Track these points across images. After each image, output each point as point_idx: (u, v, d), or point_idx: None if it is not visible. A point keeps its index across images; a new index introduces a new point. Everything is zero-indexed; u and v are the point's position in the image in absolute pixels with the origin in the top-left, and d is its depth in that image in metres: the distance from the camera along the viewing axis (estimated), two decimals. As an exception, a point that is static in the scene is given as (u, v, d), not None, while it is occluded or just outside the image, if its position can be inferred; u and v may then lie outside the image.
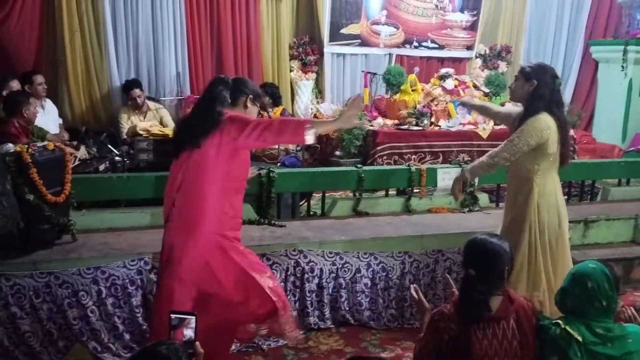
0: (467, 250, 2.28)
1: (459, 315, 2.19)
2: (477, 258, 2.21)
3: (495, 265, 2.18)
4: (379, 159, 5.82)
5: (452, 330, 2.16)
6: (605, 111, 7.65)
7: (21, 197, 3.04)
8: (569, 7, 7.84)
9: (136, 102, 5.64)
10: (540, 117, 2.98)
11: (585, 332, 2.07)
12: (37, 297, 3.01)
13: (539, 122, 2.97)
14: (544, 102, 3.00)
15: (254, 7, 6.48)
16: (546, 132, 2.97)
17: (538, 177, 3.05)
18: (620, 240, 4.40)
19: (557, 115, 3.01)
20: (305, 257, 3.52)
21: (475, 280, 2.16)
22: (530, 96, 3.03)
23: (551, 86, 3.03)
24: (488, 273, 2.17)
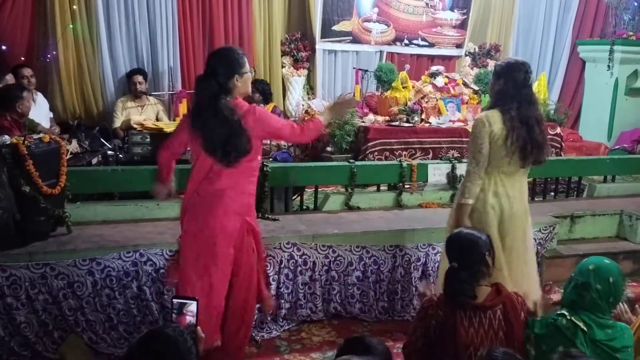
0: (447, 246, 2.43)
1: (447, 302, 2.29)
2: (455, 249, 2.36)
3: (472, 251, 2.31)
4: (370, 154, 5.88)
5: (439, 317, 2.27)
6: (591, 110, 7.77)
7: (17, 189, 3.05)
8: (557, 7, 7.95)
9: (136, 89, 5.66)
10: (482, 115, 3.01)
11: (590, 324, 2.15)
12: (33, 288, 3.03)
13: (479, 120, 2.98)
14: (504, 99, 2.96)
15: (246, 3, 6.50)
16: (488, 127, 2.92)
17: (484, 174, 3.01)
18: (606, 235, 4.50)
19: (511, 113, 2.92)
20: (298, 250, 3.58)
21: (458, 270, 2.27)
22: (497, 93, 3.02)
23: (519, 82, 2.96)
24: (468, 260, 2.29)
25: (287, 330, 3.58)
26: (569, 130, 7.62)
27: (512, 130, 2.92)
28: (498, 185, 3.03)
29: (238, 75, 2.72)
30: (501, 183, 3.03)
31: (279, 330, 3.56)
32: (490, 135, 2.94)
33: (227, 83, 2.70)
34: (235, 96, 2.75)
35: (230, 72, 2.71)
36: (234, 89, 2.73)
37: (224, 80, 2.70)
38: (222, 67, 2.72)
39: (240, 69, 2.74)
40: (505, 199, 3.03)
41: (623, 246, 4.37)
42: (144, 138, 4.30)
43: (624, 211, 4.50)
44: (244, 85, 2.77)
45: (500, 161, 2.99)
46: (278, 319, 3.57)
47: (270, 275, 3.49)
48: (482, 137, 2.95)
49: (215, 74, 2.71)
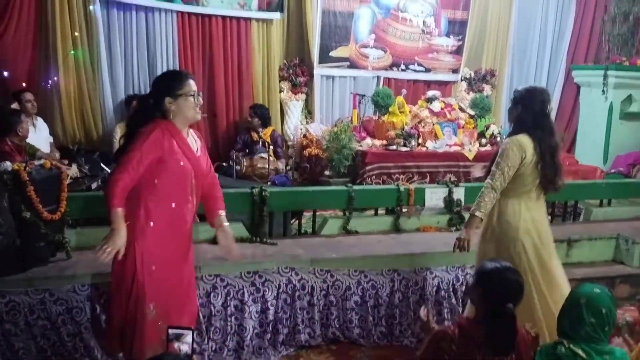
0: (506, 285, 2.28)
1: (462, 337, 2.22)
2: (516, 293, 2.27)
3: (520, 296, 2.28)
4: (367, 178, 5.93)
5: (452, 352, 2.20)
6: (587, 134, 7.84)
7: (18, 215, 3.08)
8: (551, 33, 8.08)
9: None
10: (517, 137, 3.05)
11: (589, 351, 2.15)
12: (32, 314, 3.03)
13: (513, 143, 3.03)
14: (526, 125, 3.06)
15: (245, 29, 6.60)
16: (522, 152, 3.01)
17: (503, 197, 3.11)
18: (603, 259, 4.50)
19: (538, 139, 3.03)
20: (296, 274, 3.59)
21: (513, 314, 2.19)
22: (515, 119, 3.14)
23: (537, 110, 3.07)
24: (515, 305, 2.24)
25: (286, 356, 3.56)
26: (565, 154, 7.67)
27: (542, 156, 3.03)
28: (531, 211, 3.12)
29: (170, 98, 2.62)
30: (533, 208, 3.14)
31: (277, 355, 3.54)
32: (522, 159, 3.03)
33: (159, 103, 2.63)
34: (171, 119, 2.65)
35: (163, 92, 2.63)
36: (168, 111, 2.63)
37: (157, 100, 2.63)
38: (156, 86, 2.69)
39: (175, 90, 2.62)
40: (540, 224, 3.14)
41: (620, 270, 4.37)
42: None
43: (621, 235, 4.52)
44: (180, 109, 2.63)
45: (531, 185, 3.09)
46: (276, 344, 3.56)
47: (269, 300, 3.50)
48: (514, 160, 3.03)
49: (150, 93, 2.69)
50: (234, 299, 3.44)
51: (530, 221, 3.11)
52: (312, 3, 6.79)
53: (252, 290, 3.48)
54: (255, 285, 3.48)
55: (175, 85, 2.64)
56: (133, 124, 2.69)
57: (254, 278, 3.49)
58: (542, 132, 3.06)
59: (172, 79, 2.69)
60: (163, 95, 2.62)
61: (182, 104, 2.63)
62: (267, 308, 3.49)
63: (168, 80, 2.68)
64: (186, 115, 2.67)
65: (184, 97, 2.63)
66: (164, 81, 2.69)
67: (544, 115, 3.09)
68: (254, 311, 3.48)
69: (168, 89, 2.63)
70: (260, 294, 3.49)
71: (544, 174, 3.06)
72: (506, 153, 3.05)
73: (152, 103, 2.66)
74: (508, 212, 3.11)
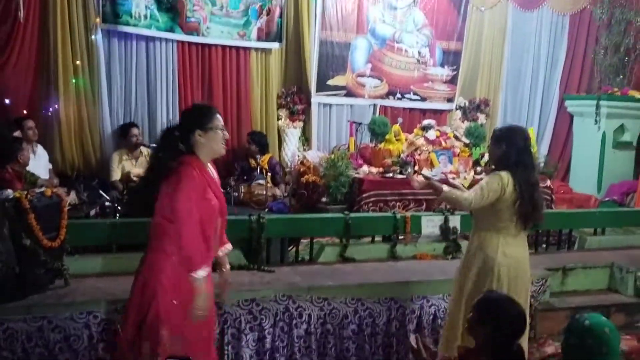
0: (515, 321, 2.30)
1: None
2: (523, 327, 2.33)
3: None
4: (364, 205, 5.96)
5: None
6: (581, 162, 7.92)
7: (18, 242, 3.10)
8: (544, 64, 8.21)
9: (133, 142, 5.75)
10: (500, 173, 3.14)
11: None
12: (29, 341, 3.03)
13: (498, 178, 3.11)
14: (509, 163, 3.14)
15: (245, 58, 6.71)
16: (501, 188, 3.08)
17: (483, 229, 3.21)
18: (597, 287, 4.54)
19: (519, 177, 3.10)
20: (294, 302, 3.60)
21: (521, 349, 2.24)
22: (499, 158, 3.21)
23: (520, 148, 3.15)
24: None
25: (283, 385, 3.56)
26: (560, 183, 7.76)
27: (521, 195, 3.09)
28: (510, 246, 3.18)
29: (201, 130, 2.64)
30: (512, 243, 3.19)
31: (274, 384, 3.54)
32: (502, 194, 3.09)
33: (187, 137, 2.64)
34: (198, 154, 2.67)
35: (194, 125, 2.64)
36: (196, 144, 2.65)
37: (185, 133, 2.65)
38: (187, 119, 2.71)
39: (205, 124, 2.65)
40: (514, 260, 3.17)
41: (615, 299, 4.41)
42: (142, 190, 4.36)
43: (615, 264, 4.56)
44: (209, 142, 2.66)
45: (508, 222, 3.15)
46: (273, 373, 3.56)
47: (266, 328, 3.50)
48: (495, 190, 3.09)
49: (178, 126, 2.70)
50: (230, 327, 3.45)
51: (508, 256, 3.16)
52: (310, 33, 6.92)
53: (249, 318, 3.49)
54: (252, 313, 3.49)
55: (205, 118, 2.67)
56: (159, 157, 2.68)
57: (251, 306, 3.50)
58: (524, 169, 3.13)
59: (202, 112, 2.72)
60: (193, 128, 2.64)
61: (211, 137, 2.66)
62: (264, 336, 3.50)
63: (199, 114, 2.71)
64: (214, 149, 2.71)
65: (213, 131, 2.67)
66: (194, 114, 2.72)
67: (526, 152, 3.19)
68: (250, 339, 3.49)
69: (199, 122, 2.65)
70: (257, 322, 3.50)
71: (522, 211, 3.12)
72: (490, 182, 3.13)
73: (178, 136, 2.66)
74: (487, 244, 3.19)
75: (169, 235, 2.59)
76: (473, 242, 3.28)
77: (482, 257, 3.18)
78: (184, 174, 2.59)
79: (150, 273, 2.62)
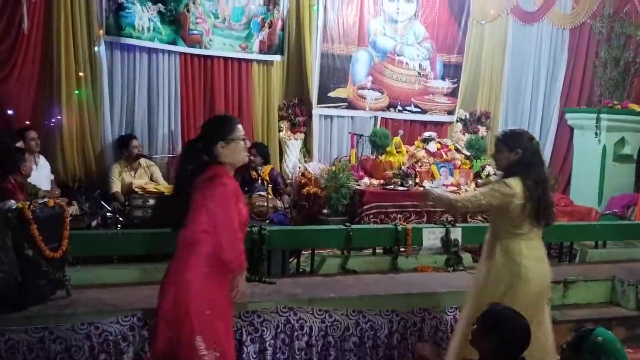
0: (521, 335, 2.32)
1: None
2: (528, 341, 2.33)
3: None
4: (365, 217, 5.97)
5: None
6: (581, 175, 7.94)
7: (20, 253, 3.10)
8: (544, 77, 8.26)
9: (134, 154, 5.76)
10: (507, 183, 3.09)
11: None
12: (30, 353, 3.02)
13: (505, 188, 3.07)
14: (523, 167, 3.11)
15: (247, 70, 6.75)
16: (509, 199, 3.06)
17: (504, 238, 3.17)
18: (599, 300, 4.52)
19: (531, 179, 3.08)
20: (295, 314, 3.59)
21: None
22: (508, 164, 3.16)
23: (529, 149, 3.14)
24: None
25: (283, 397, 3.54)
26: (560, 195, 7.77)
27: (531, 196, 3.08)
28: (531, 250, 3.16)
29: (223, 142, 2.69)
30: (533, 246, 3.18)
31: (275, 397, 3.52)
32: (508, 205, 3.07)
33: (211, 148, 2.68)
34: (222, 163, 2.71)
35: (216, 137, 2.68)
36: (219, 155, 2.69)
37: (208, 144, 2.68)
38: (209, 131, 2.74)
39: (228, 135, 2.69)
40: (539, 263, 3.18)
41: (616, 312, 4.39)
42: (145, 201, 4.38)
43: (616, 277, 4.55)
44: (232, 153, 2.71)
45: (526, 228, 3.13)
46: (274, 386, 3.55)
47: (267, 340, 3.49)
48: (496, 201, 3.08)
49: (201, 138, 2.74)
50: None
51: (533, 259, 3.15)
52: (311, 46, 6.97)
53: (251, 330, 3.48)
54: (253, 325, 3.48)
55: (227, 129, 2.71)
56: (186, 170, 2.72)
57: (252, 317, 3.49)
58: (536, 170, 3.12)
59: (224, 123, 2.76)
60: (216, 139, 2.68)
61: (233, 148, 2.70)
62: (265, 348, 3.48)
63: (220, 125, 2.74)
64: (237, 159, 2.76)
65: (235, 142, 2.71)
66: (216, 126, 2.75)
67: (536, 153, 3.19)
68: (252, 351, 3.47)
69: (221, 134, 2.69)
70: (259, 334, 3.49)
71: (536, 211, 3.10)
72: (496, 190, 3.09)
73: (201, 147, 2.70)
74: (512, 252, 3.14)
75: (202, 247, 2.61)
76: (495, 253, 3.17)
77: (509, 267, 3.12)
78: (217, 183, 2.62)
79: (181, 286, 2.62)
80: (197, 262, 2.62)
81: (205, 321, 2.61)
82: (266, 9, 6.69)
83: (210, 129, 2.75)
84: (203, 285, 2.62)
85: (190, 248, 2.64)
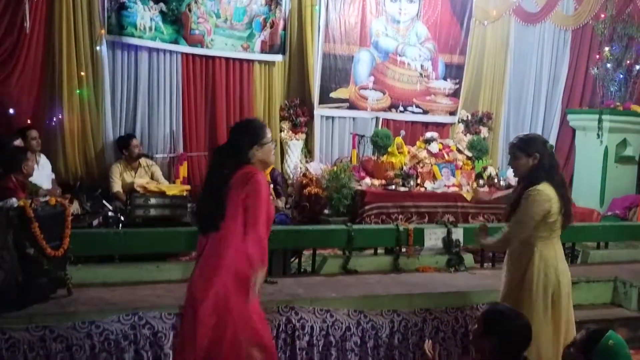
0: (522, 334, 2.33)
1: None
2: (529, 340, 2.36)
3: None
4: (367, 218, 5.96)
5: None
6: (583, 177, 7.93)
7: (21, 251, 3.10)
8: (547, 77, 8.25)
9: (134, 153, 5.76)
10: (541, 190, 3.04)
11: None
12: (31, 351, 3.01)
13: (541, 196, 3.04)
14: (545, 171, 3.10)
15: (248, 70, 6.76)
16: (548, 204, 3.04)
17: (539, 243, 3.13)
18: (601, 302, 4.50)
19: (556, 181, 3.10)
20: (296, 313, 3.58)
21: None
22: (532, 169, 3.13)
23: (549, 152, 3.16)
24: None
25: (284, 397, 3.53)
26: (562, 196, 7.73)
27: (562, 199, 3.10)
28: (560, 251, 3.21)
29: (257, 146, 2.84)
30: (560, 248, 3.23)
31: (275, 397, 3.51)
32: (548, 212, 3.06)
33: (245, 151, 2.82)
34: (253, 163, 2.85)
35: (251, 141, 2.83)
36: (253, 157, 2.84)
37: (242, 148, 2.82)
38: (244, 135, 2.86)
39: (261, 138, 2.85)
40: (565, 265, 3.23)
41: (618, 313, 4.37)
42: (146, 201, 4.38)
43: (619, 278, 4.54)
44: (263, 154, 2.88)
45: (558, 230, 3.16)
46: (275, 385, 3.53)
47: (268, 339, 3.48)
48: (538, 213, 3.05)
49: (236, 144, 2.84)
50: (233, 338, 3.43)
51: (562, 261, 3.20)
52: (313, 46, 6.97)
53: (252, 329, 3.47)
54: (255, 324, 3.47)
55: (261, 134, 2.87)
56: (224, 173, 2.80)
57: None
58: (557, 173, 3.16)
59: (257, 128, 2.89)
60: (251, 143, 2.82)
61: (266, 150, 2.87)
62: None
63: (254, 130, 2.88)
64: (267, 161, 2.94)
65: (267, 145, 2.88)
66: (250, 130, 2.88)
67: (552, 155, 3.19)
68: (253, 351, 3.46)
69: (255, 138, 2.84)
70: (260, 334, 3.48)
71: (567, 211, 3.14)
72: (534, 204, 3.04)
73: (236, 151, 2.82)
74: (547, 256, 3.13)
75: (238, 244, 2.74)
76: (534, 258, 3.12)
77: (545, 271, 3.10)
78: (254, 181, 2.76)
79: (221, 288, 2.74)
80: (233, 260, 2.74)
81: (247, 320, 2.77)
82: (268, 9, 6.69)
83: (246, 133, 2.87)
84: (241, 283, 2.75)
85: (227, 246, 2.75)
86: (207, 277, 2.78)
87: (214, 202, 2.79)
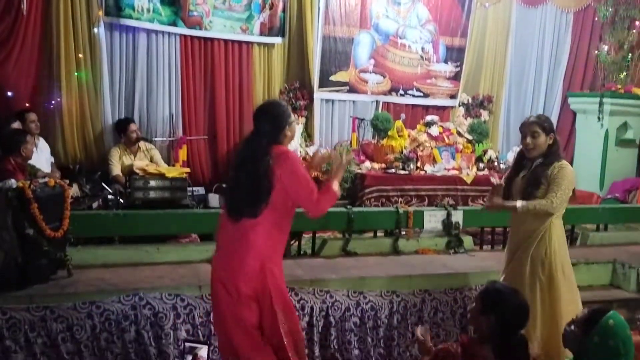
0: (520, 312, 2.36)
1: (466, 356, 2.27)
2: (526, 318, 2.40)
3: None
4: (367, 201, 5.97)
5: None
6: (583, 160, 7.91)
7: (21, 232, 3.10)
8: (548, 61, 8.19)
9: (136, 136, 5.75)
10: (565, 164, 3.24)
11: None
12: (32, 331, 3.03)
13: (571, 171, 3.23)
14: (559, 150, 3.30)
15: (247, 53, 6.69)
16: (574, 180, 3.26)
17: (555, 219, 3.28)
18: (600, 283, 4.53)
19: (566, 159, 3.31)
20: (296, 294, 3.60)
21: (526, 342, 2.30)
22: (551, 147, 3.28)
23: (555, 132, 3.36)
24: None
25: (284, 377, 3.55)
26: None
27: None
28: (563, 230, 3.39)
29: (288, 126, 2.93)
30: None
31: (276, 376, 3.53)
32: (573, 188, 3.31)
33: (279, 132, 2.89)
34: (284, 143, 2.94)
35: (285, 122, 2.91)
36: (285, 137, 2.93)
37: (277, 129, 2.88)
38: (277, 117, 2.91)
39: (290, 119, 2.95)
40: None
41: (617, 294, 4.39)
42: (145, 183, 4.37)
43: (617, 260, 4.55)
44: (292, 134, 2.99)
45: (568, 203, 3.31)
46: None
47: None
48: (570, 187, 3.22)
49: (274, 127, 2.88)
50: (233, 318, 3.44)
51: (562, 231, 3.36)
52: (312, 28, 6.91)
53: (252, 310, 3.48)
54: (255, 305, 3.49)
55: (288, 114, 2.96)
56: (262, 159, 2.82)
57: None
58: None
59: (284, 109, 2.97)
60: (284, 124, 2.90)
61: (293, 129, 3.00)
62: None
63: (285, 111, 2.95)
64: (291, 139, 3.03)
65: (293, 124, 3.00)
66: (282, 112, 2.94)
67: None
68: (253, 331, 3.48)
69: (286, 119, 2.92)
70: (260, 314, 3.49)
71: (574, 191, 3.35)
72: (569, 180, 3.20)
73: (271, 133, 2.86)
74: (560, 232, 3.32)
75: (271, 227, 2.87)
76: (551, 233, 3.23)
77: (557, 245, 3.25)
78: (292, 156, 2.94)
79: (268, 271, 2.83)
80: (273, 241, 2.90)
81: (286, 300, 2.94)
82: (267, -10, 6.63)
83: (279, 115, 2.92)
84: (279, 262, 2.93)
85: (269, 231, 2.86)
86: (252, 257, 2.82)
87: (256, 190, 2.81)
